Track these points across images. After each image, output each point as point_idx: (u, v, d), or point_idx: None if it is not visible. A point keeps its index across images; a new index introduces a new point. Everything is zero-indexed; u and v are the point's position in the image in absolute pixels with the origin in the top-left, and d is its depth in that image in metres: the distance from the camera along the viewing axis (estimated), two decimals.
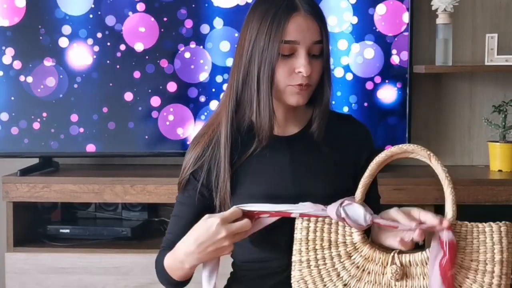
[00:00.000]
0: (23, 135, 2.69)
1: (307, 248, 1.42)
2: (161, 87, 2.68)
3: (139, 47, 2.67)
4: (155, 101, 2.68)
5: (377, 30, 2.66)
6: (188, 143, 2.50)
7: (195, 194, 1.61)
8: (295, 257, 1.44)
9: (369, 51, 2.66)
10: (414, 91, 2.70)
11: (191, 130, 2.67)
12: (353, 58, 2.67)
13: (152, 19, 2.65)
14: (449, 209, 1.37)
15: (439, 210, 1.68)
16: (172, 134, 2.69)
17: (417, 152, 1.40)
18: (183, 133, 2.68)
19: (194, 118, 2.68)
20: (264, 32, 1.52)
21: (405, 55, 2.65)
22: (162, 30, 2.66)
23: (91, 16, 2.66)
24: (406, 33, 2.65)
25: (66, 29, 2.66)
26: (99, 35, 2.66)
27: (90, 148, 2.70)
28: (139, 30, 2.66)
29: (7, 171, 2.70)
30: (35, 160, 2.77)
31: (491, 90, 2.83)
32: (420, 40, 2.79)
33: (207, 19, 2.65)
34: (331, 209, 1.44)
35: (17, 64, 2.67)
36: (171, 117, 2.68)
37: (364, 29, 2.66)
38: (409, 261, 1.39)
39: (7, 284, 2.58)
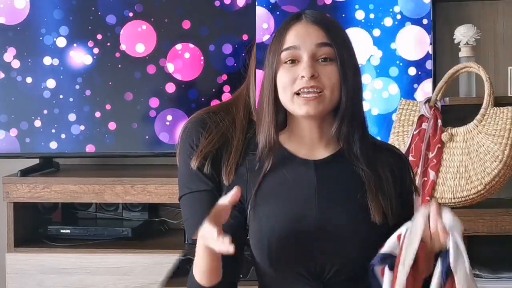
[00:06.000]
0: (23, 136, 2.69)
1: None
2: (160, 88, 2.68)
3: (139, 48, 2.67)
4: (155, 101, 2.69)
5: (400, 64, 2.58)
6: None
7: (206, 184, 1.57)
8: None
9: (393, 86, 2.57)
10: None
11: None
12: (377, 92, 2.57)
13: (152, 19, 2.67)
14: None
15: None
16: (172, 134, 2.70)
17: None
18: None
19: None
20: (271, 48, 1.52)
21: (429, 88, 2.56)
22: (162, 30, 2.67)
23: (91, 18, 2.66)
24: (429, 66, 2.57)
25: (66, 30, 2.67)
26: (99, 36, 2.67)
27: (90, 148, 2.70)
28: (138, 31, 2.67)
29: (8, 172, 2.70)
30: (36, 161, 2.78)
31: None
32: (443, 72, 2.58)
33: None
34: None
35: (18, 64, 2.67)
36: (169, 117, 2.69)
37: (387, 62, 2.57)
38: None
39: (7, 285, 2.58)
